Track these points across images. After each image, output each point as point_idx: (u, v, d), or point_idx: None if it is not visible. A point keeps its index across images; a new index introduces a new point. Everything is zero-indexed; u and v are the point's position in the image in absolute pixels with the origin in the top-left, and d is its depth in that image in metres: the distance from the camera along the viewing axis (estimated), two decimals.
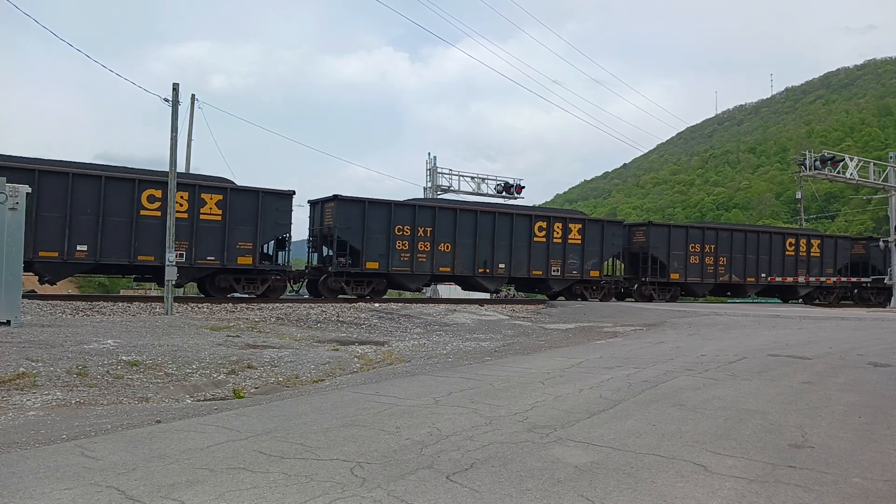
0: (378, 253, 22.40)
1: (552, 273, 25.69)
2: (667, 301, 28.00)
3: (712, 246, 29.27)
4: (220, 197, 20.10)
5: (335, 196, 22.13)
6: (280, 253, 22.07)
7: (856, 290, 34.29)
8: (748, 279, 29.99)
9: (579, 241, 26.28)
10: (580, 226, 26.49)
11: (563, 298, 26.45)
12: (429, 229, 23.26)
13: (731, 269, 29.80)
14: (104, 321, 14.16)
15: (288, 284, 22.32)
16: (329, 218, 22.36)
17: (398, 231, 22.72)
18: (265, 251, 21.46)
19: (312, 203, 23.67)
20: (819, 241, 32.52)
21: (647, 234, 28.31)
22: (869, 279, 33.49)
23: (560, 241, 25.90)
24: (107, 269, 20.34)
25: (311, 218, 23.72)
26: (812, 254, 31.92)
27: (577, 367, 8.92)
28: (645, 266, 28.03)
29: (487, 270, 24.66)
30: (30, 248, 16.55)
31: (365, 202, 22.32)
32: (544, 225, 25.69)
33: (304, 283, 23.43)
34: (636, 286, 28.24)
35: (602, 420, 5.62)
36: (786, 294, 32.97)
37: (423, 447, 4.69)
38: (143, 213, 18.93)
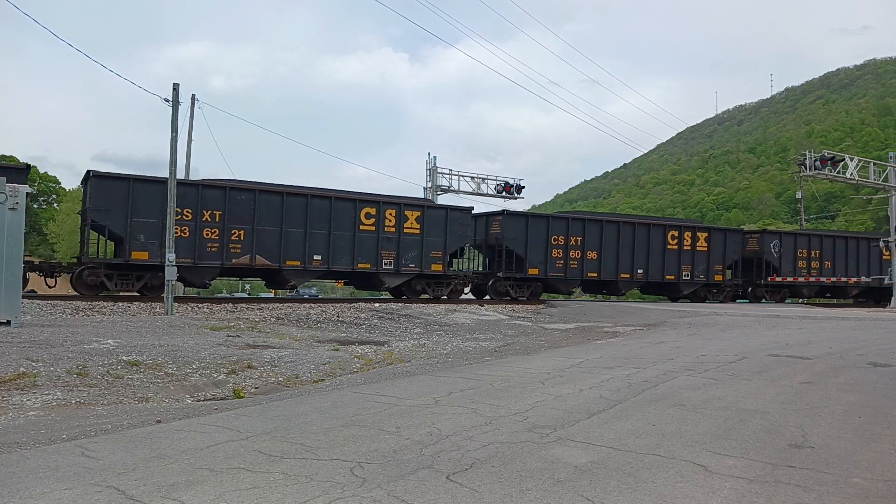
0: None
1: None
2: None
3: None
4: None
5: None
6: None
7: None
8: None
9: None
10: None
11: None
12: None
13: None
14: (104, 321, 14.16)
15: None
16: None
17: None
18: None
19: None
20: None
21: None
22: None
23: None
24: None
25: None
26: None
27: (577, 367, 8.92)
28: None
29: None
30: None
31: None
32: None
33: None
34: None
35: (602, 420, 5.62)
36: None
37: (423, 447, 4.68)
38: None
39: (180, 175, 20.81)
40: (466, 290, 26.26)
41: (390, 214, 22.76)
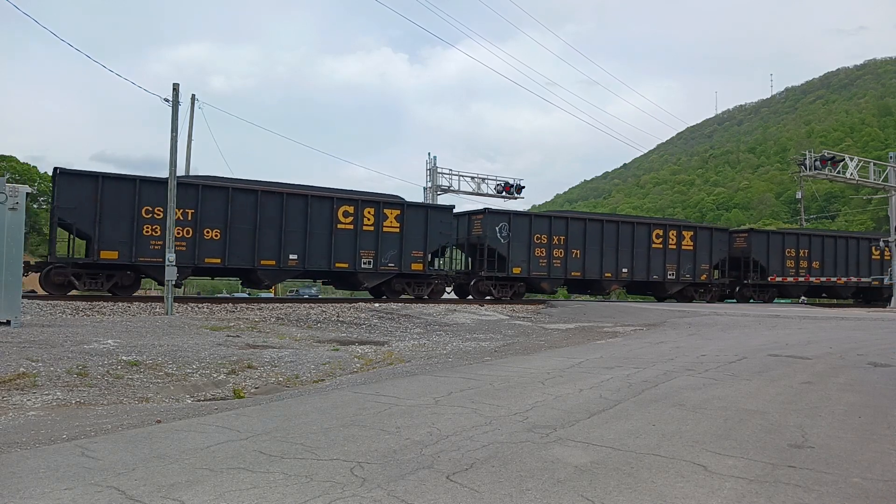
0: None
1: None
2: None
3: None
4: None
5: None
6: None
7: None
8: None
9: None
10: None
11: None
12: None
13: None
14: (104, 321, 14.15)
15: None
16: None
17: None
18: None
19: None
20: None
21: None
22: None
23: None
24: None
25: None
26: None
27: (577, 367, 8.92)
28: None
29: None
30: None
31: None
32: None
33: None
34: None
35: (602, 420, 5.62)
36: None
37: (423, 447, 4.68)
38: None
39: (180, 175, 20.55)
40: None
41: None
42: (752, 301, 31.13)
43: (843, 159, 31.36)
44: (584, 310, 23.01)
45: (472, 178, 35.33)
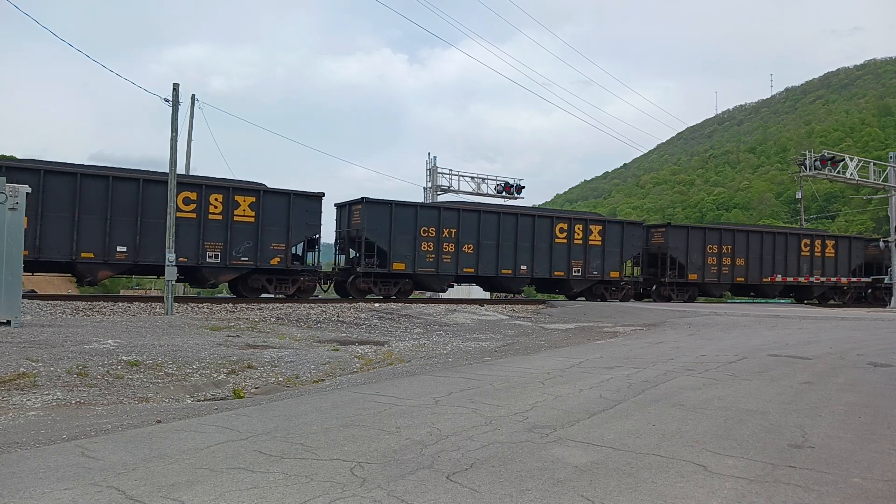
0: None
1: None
2: None
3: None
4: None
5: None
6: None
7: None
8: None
9: None
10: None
11: None
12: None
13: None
14: (104, 321, 14.15)
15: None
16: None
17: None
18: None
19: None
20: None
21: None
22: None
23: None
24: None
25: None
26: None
27: (577, 367, 8.92)
28: None
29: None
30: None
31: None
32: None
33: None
34: None
35: (602, 420, 5.62)
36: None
37: (423, 447, 4.68)
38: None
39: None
40: None
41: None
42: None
43: (843, 159, 31.35)
44: (584, 310, 23.02)
45: (472, 178, 35.32)
